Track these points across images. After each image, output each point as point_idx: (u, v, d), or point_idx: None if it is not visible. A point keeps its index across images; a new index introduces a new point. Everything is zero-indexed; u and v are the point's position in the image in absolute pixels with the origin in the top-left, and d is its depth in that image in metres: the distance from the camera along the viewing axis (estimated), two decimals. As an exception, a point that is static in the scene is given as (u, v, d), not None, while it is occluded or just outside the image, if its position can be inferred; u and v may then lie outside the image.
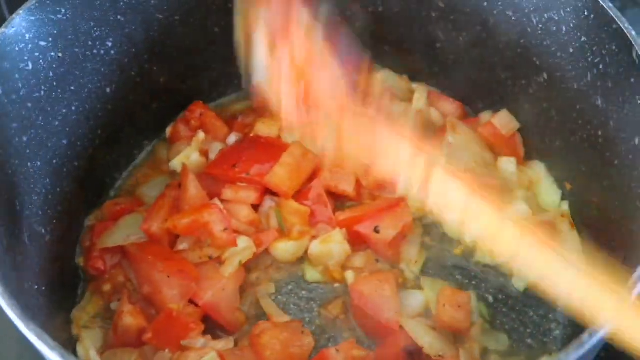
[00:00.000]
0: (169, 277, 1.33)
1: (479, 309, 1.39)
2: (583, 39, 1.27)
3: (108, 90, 1.47)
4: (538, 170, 1.55)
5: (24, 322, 0.90)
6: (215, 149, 1.55)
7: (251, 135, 1.56)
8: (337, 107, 1.02)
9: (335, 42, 0.94)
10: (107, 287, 1.40)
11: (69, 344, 1.30)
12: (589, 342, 0.85)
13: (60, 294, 1.36)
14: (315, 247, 1.43)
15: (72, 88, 1.37)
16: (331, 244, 1.42)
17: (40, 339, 0.89)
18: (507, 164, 1.53)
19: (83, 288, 1.43)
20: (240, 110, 1.67)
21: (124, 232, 1.43)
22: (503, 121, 1.57)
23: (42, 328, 0.91)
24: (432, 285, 1.41)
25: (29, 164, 1.26)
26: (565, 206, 1.49)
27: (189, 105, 1.62)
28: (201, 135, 1.56)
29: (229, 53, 1.59)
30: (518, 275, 1.40)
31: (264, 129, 1.56)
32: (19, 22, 1.21)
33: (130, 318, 1.31)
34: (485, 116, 1.62)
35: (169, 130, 1.62)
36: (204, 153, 1.55)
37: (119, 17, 1.40)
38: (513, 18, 1.41)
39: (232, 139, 1.58)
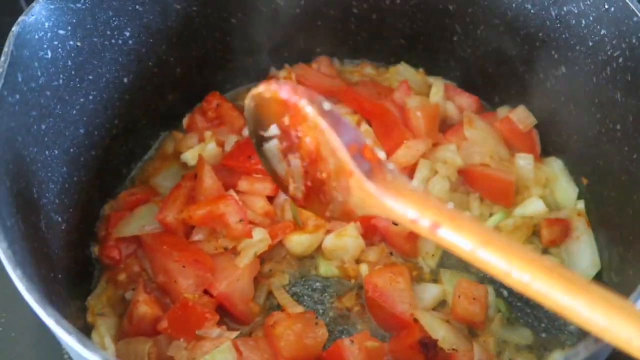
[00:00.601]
0: (184, 267, 1.34)
1: (497, 304, 1.38)
2: (602, 32, 1.26)
3: (125, 80, 1.47)
4: (555, 167, 1.54)
5: (42, 307, 0.91)
6: (231, 140, 1.55)
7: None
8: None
9: (339, 131, 0.98)
10: (122, 277, 1.41)
11: (83, 331, 1.30)
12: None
13: (75, 281, 1.37)
14: (330, 241, 1.43)
15: (90, 77, 1.37)
16: (345, 238, 1.43)
17: (58, 324, 0.89)
18: (524, 160, 1.53)
19: (97, 276, 1.43)
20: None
21: (139, 222, 1.43)
22: (520, 116, 1.57)
23: (60, 313, 0.91)
24: (450, 277, 1.41)
25: (46, 152, 1.27)
26: (581, 204, 1.48)
27: (206, 96, 1.62)
28: (208, 133, 1.56)
29: (245, 44, 1.61)
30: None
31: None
32: (39, 10, 1.21)
33: (145, 307, 1.31)
34: (502, 111, 1.61)
35: (185, 120, 1.63)
36: (220, 144, 1.55)
37: (137, 6, 1.41)
38: (532, 11, 1.41)
39: (246, 131, 1.57)
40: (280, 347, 1.27)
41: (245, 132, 1.56)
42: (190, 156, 1.54)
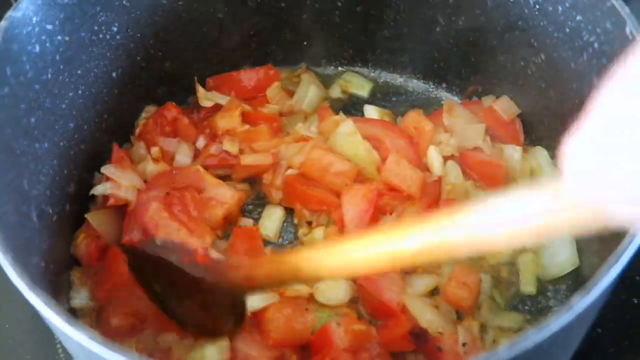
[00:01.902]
0: None
1: (492, 293, 1.41)
2: (578, 17, 1.29)
3: (114, 74, 1.50)
4: (540, 157, 1.55)
5: (32, 290, 0.93)
6: (182, 150, 1.56)
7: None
8: None
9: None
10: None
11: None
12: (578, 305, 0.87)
13: (65, 274, 1.40)
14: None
15: (79, 72, 1.40)
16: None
17: (47, 306, 0.92)
18: (513, 151, 1.54)
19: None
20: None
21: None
22: (504, 106, 1.59)
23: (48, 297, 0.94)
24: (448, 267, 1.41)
25: (36, 144, 1.29)
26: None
27: (163, 106, 1.62)
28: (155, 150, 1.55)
29: (232, 39, 1.64)
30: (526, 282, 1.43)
31: (223, 123, 1.57)
32: (26, 5, 1.24)
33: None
34: (487, 100, 1.64)
35: (138, 128, 1.61)
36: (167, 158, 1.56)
37: (124, 1, 1.43)
38: (511, 0, 1.43)
39: (201, 142, 1.58)
40: (269, 330, 1.29)
41: (200, 143, 1.58)
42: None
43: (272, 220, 1.51)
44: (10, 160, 1.18)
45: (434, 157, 1.52)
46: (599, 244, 1.33)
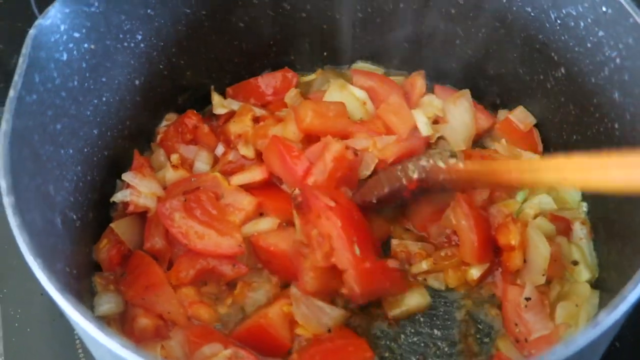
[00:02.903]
0: None
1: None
2: (600, 33, 1.30)
3: (137, 82, 1.51)
4: None
5: (62, 295, 0.95)
6: (202, 158, 1.58)
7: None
8: None
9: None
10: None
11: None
12: (605, 322, 0.88)
13: (87, 280, 1.41)
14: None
15: (103, 79, 1.41)
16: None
17: (77, 310, 0.93)
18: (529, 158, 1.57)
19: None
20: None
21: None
22: (520, 117, 1.61)
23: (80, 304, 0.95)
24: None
25: (61, 151, 1.30)
26: (584, 207, 1.52)
27: (184, 114, 1.63)
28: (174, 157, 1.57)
29: (253, 48, 1.65)
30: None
31: (235, 128, 1.58)
32: (54, 13, 1.25)
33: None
34: (502, 114, 1.65)
35: (159, 135, 1.63)
36: (186, 165, 1.58)
37: (148, 10, 1.45)
38: (532, 14, 1.44)
39: (220, 149, 1.59)
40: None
41: (219, 150, 1.59)
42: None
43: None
44: (37, 167, 1.20)
45: (419, 118, 1.55)
46: (617, 256, 1.34)
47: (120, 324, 1.38)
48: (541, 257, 1.37)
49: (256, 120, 1.59)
